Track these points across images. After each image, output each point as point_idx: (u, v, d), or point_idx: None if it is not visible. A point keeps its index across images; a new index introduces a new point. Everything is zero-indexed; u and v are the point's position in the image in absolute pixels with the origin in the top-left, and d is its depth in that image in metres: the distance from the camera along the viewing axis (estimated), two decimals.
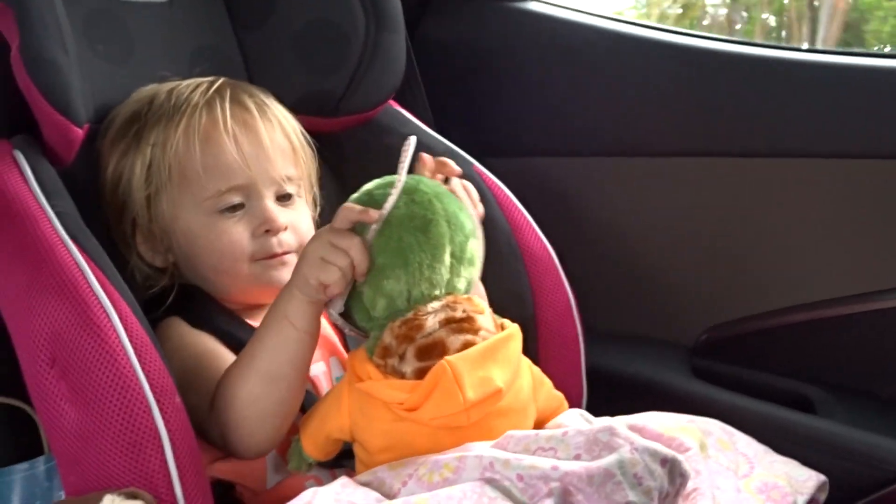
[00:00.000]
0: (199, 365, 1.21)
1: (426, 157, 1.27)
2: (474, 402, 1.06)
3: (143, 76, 1.38)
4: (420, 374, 1.08)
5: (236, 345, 1.25)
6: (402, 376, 1.09)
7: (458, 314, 1.11)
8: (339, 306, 1.14)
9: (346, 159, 1.53)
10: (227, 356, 1.23)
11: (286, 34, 1.52)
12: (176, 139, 1.27)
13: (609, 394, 1.49)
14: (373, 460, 1.10)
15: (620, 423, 1.15)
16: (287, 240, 1.29)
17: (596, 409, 1.29)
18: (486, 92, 1.85)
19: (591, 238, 1.82)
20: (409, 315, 1.11)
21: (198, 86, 1.32)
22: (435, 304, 1.12)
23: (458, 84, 1.86)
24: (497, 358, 1.10)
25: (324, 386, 1.30)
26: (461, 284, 1.15)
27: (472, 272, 1.17)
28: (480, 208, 1.30)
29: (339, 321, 1.17)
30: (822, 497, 1.26)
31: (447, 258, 1.13)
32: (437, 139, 1.56)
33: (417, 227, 1.12)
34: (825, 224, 1.70)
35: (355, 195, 1.17)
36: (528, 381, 1.17)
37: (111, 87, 1.36)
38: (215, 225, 1.27)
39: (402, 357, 1.09)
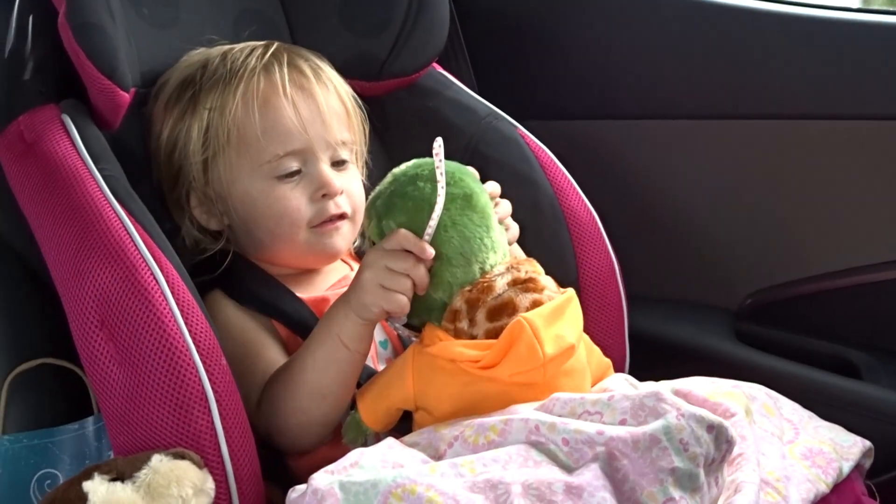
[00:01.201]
0: (247, 354, 1.22)
1: None
2: (552, 356, 1.07)
3: (189, 40, 1.38)
4: (491, 334, 1.09)
5: (279, 315, 1.27)
6: (471, 338, 1.10)
7: (523, 275, 1.13)
8: (403, 320, 1.16)
9: (390, 122, 1.53)
10: (272, 346, 1.25)
11: None
12: (234, 103, 1.27)
13: (652, 358, 1.48)
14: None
15: (666, 388, 1.16)
16: (342, 203, 1.29)
17: (639, 373, 1.29)
18: (529, 54, 1.84)
19: (635, 201, 1.81)
20: (478, 278, 1.12)
21: (253, 50, 1.32)
22: (500, 268, 1.13)
23: (501, 46, 1.85)
24: (565, 316, 1.12)
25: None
26: (507, 244, 1.18)
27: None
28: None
29: (403, 331, 1.19)
30: (868, 463, 1.26)
31: (495, 223, 1.15)
32: (480, 102, 1.56)
33: (462, 206, 1.13)
34: (872, 187, 1.68)
35: (382, 194, 1.16)
36: (583, 344, 1.19)
37: (157, 52, 1.36)
38: (273, 190, 1.27)
39: (472, 320, 1.10)
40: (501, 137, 1.51)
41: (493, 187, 1.22)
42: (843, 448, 1.22)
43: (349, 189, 1.31)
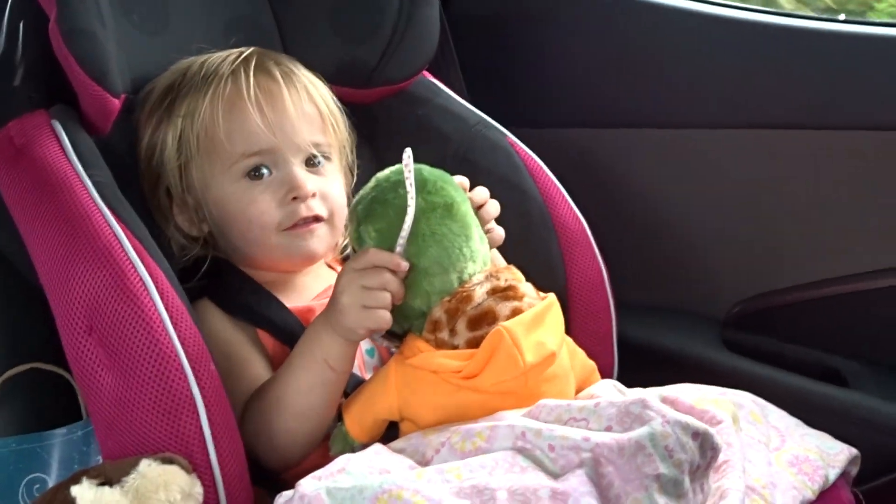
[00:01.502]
0: (231, 369, 1.21)
1: None
2: (533, 364, 1.07)
3: (178, 46, 1.38)
4: (472, 343, 1.09)
5: (267, 324, 1.27)
6: (453, 348, 1.10)
7: (502, 283, 1.13)
8: (382, 331, 1.16)
9: (380, 130, 1.53)
10: (256, 361, 1.25)
11: (321, 4, 1.52)
12: (202, 109, 1.28)
13: (640, 365, 1.48)
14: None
15: (653, 394, 1.16)
16: (315, 206, 1.29)
17: (627, 380, 1.29)
18: (519, 63, 1.84)
19: (624, 209, 1.82)
20: (458, 288, 1.12)
21: (227, 56, 1.33)
22: (479, 277, 1.13)
23: (492, 54, 1.85)
24: (545, 323, 1.12)
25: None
26: (488, 253, 1.18)
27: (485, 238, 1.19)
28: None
29: (382, 342, 1.19)
30: (854, 470, 1.26)
31: (476, 232, 1.15)
32: (470, 110, 1.56)
33: (442, 215, 1.12)
34: (859, 197, 1.69)
35: (364, 198, 1.17)
36: (566, 349, 1.18)
37: (147, 58, 1.36)
38: (244, 193, 1.27)
39: (452, 330, 1.10)
40: (490, 145, 1.51)
41: (481, 193, 1.22)
42: (830, 455, 1.23)
43: (325, 191, 1.30)
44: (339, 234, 1.34)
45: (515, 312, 1.11)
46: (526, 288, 1.15)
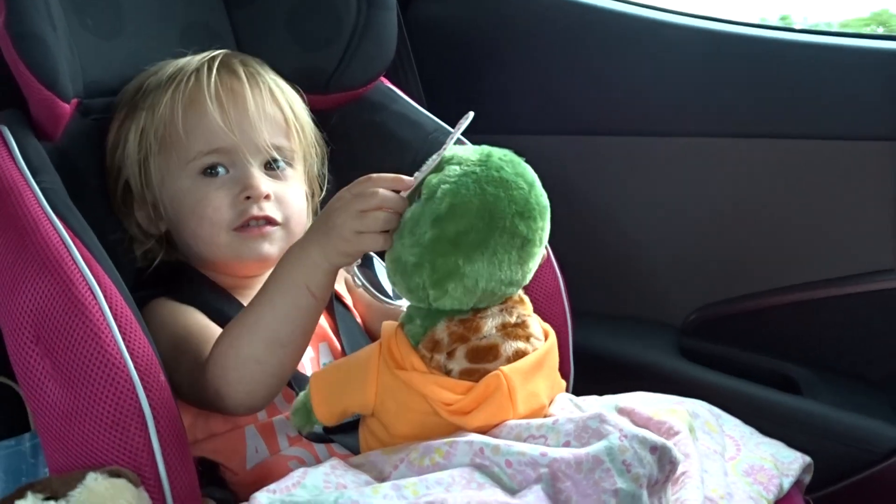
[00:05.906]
0: (189, 334, 1.19)
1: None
2: (522, 416, 1.06)
3: (133, 51, 1.37)
4: (467, 374, 1.07)
5: (225, 321, 1.23)
6: (447, 373, 1.07)
7: (514, 319, 1.10)
8: (359, 262, 1.12)
9: (337, 136, 1.52)
10: (217, 330, 1.21)
11: (278, 10, 1.51)
12: (163, 103, 1.27)
13: (597, 374, 1.48)
14: (392, 441, 1.09)
15: (609, 403, 1.16)
16: (269, 209, 1.27)
17: (583, 389, 1.29)
18: (477, 70, 1.84)
19: (581, 218, 1.82)
20: (469, 315, 1.08)
21: (197, 56, 1.32)
22: (493, 308, 1.09)
23: (450, 62, 1.85)
24: (543, 370, 1.11)
25: (309, 372, 1.27)
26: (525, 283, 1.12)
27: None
28: None
29: (355, 274, 1.16)
30: (808, 478, 1.27)
31: (525, 277, 1.10)
32: (427, 116, 1.55)
33: (516, 245, 1.05)
34: (814, 206, 1.70)
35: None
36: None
37: (100, 62, 1.35)
38: (198, 189, 1.26)
39: (450, 354, 1.08)
40: None
41: None
42: (784, 464, 1.23)
43: (282, 196, 1.29)
44: (296, 240, 1.32)
45: (518, 353, 1.08)
46: (534, 326, 1.12)
